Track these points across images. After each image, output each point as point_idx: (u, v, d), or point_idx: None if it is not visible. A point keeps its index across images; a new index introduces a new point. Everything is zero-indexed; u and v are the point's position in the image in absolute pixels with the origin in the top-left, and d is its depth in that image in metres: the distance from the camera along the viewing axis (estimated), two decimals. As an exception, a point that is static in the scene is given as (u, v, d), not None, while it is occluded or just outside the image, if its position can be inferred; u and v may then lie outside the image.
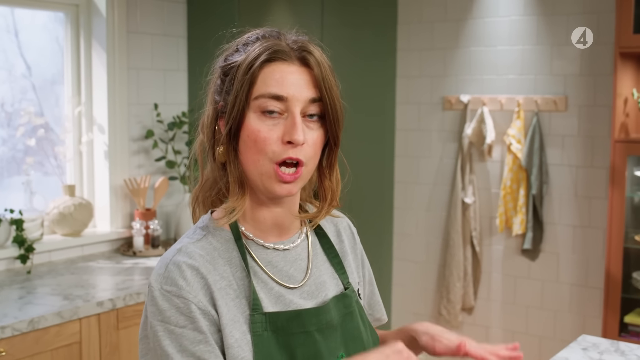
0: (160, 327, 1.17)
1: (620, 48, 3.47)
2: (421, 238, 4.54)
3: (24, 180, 3.23)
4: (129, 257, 3.29)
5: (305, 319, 1.24)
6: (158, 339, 1.17)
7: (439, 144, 4.42)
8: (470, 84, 4.26)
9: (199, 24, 3.63)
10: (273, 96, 1.20)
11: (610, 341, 2.16)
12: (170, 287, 1.18)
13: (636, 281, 3.60)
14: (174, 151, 3.53)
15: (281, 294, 1.26)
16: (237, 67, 1.23)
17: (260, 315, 1.21)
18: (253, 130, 1.21)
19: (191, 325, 1.17)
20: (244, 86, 1.20)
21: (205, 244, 1.24)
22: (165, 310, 1.17)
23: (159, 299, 1.18)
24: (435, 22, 4.37)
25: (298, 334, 1.22)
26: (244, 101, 1.20)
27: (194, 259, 1.21)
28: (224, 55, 1.29)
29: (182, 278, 1.19)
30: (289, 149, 1.20)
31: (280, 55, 1.22)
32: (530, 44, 4.04)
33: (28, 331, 2.36)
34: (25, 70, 3.29)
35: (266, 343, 1.20)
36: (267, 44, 1.23)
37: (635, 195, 3.68)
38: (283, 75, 1.21)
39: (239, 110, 1.21)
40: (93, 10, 3.36)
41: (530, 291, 4.17)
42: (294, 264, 1.31)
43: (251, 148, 1.21)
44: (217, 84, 1.28)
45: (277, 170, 1.21)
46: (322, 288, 1.32)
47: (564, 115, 3.97)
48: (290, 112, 1.21)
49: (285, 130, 1.20)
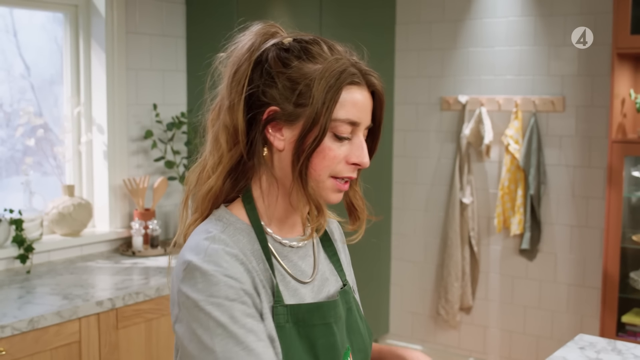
0: (208, 301, 1.16)
1: (617, 49, 3.48)
2: (419, 238, 4.55)
3: (23, 181, 3.24)
4: (128, 257, 3.29)
5: (325, 311, 1.28)
6: (208, 313, 1.15)
7: (437, 144, 4.43)
8: (468, 84, 4.27)
9: (198, 25, 3.64)
10: (350, 122, 1.24)
11: (607, 340, 2.17)
12: (216, 267, 1.18)
13: (633, 281, 3.61)
14: (172, 151, 3.54)
15: (296, 288, 1.30)
16: (312, 82, 1.22)
17: (282, 307, 1.24)
18: (324, 147, 1.24)
19: (240, 299, 1.17)
20: (328, 109, 1.22)
21: (230, 235, 1.25)
22: (213, 285, 1.16)
23: (206, 275, 1.17)
24: (433, 22, 4.38)
25: (319, 326, 1.27)
26: (327, 124, 1.22)
27: (230, 247, 1.22)
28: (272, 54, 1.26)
29: (225, 261, 1.19)
30: (353, 170, 1.27)
31: (356, 78, 1.25)
32: (528, 44, 4.05)
33: (28, 330, 2.36)
34: (24, 70, 3.29)
35: (288, 334, 1.23)
36: (340, 63, 1.24)
37: (633, 195, 3.70)
38: (359, 100, 1.25)
39: (322, 132, 1.22)
40: (92, 10, 3.37)
41: (528, 291, 4.18)
42: (304, 259, 1.35)
43: (317, 163, 1.24)
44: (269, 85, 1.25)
45: (335, 182, 1.27)
46: (327, 284, 1.37)
47: (561, 115, 3.98)
48: (356, 135, 1.26)
49: (351, 152, 1.26)
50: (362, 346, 1.37)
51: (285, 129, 1.25)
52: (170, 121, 3.57)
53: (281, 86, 1.24)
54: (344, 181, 1.27)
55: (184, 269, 1.20)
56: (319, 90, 1.21)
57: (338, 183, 1.26)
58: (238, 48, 1.30)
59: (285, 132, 1.25)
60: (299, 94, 1.22)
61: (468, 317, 4.38)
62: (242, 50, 1.29)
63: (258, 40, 1.29)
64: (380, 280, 4.61)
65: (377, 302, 4.58)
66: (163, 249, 3.37)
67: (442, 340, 4.50)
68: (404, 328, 4.65)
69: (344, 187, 1.27)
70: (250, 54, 1.27)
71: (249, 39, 1.30)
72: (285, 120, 1.24)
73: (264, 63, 1.26)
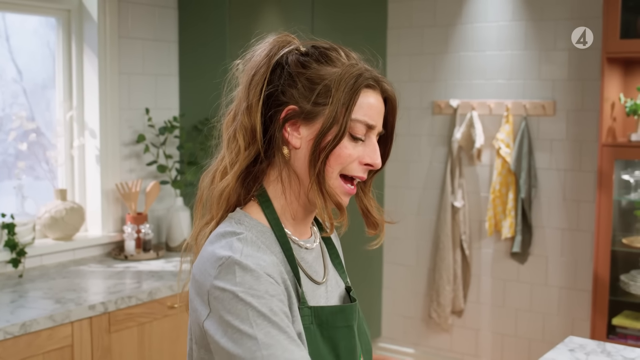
0: (248, 292, 1.15)
1: (607, 53, 3.51)
2: (411, 242, 4.57)
3: (16, 185, 3.24)
4: (120, 261, 3.30)
5: (347, 313, 1.31)
6: (249, 303, 1.14)
7: (428, 148, 4.45)
8: (460, 88, 4.30)
9: (190, 29, 3.65)
10: (366, 124, 1.28)
11: (596, 342, 2.19)
12: (255, 264, 1.18)
13: (624, 284, 3.64)
14: (165, 155, 3.54)
15: (314, 289, 1.33)
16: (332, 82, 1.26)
17: (307, 309, 1.26)
18: (340, 147, 1.27)
19: (278, 297, 1.18)
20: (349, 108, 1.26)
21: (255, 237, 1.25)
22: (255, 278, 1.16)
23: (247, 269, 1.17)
24: (424, 27, 4.40)
25: (341, 328, 1.29)
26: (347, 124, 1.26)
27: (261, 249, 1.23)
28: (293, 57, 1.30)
29: (263, 259, 1.20)
30: (365, 170, 1.31)
31: (374, 82, 1.30)
32: (519, 49, 4.08)
33: (20, 334, 2.36)
34: (17, 74, 3.30)
35: (313, 336, 1.25)
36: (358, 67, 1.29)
37: (623, 199, 3.72)
38: (374, 104, 1.30)
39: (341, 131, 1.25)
40: (84, 15, 3.38)
41: (519, 294, 4.20)
42: (317, 261, 1.38)
43: (331, 161, 1.27)
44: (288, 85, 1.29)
45: (343, 185, 1.30)
46: (334, 285, 1.40)
47: (552, 119, 4.01)
48: (369, 137, 1.30)
49: (365, 153, 1.29)
50: (368, 347, 1.40)
51: (302, 128, 1.28)
52: (162, 125, 3.58)
53: (301, 85, 1.28)
54: (352, 185, 1.30)
55: (219, 265, 1.18)
56: (339, 91, 1.26)
57: (346, 186, 1.29)
58: (255, 55, 1.34)
59: (302, 130, 1.28)
60: (318, 93, 1.27)
61: (460, 320, 4.40)
62: (260, 57, 1.33)
63: (275, 47, 1.33)
64: (373, 283, 4.63)
65: (369, 305, 4.60)
66: (155, 253, 3.37)
67: (434, 344, 4.51)
68: (396, 331, 4.66)
69: (351, 190, 1.30)
70: (268, 58, 1.31)
71: (266, 46, 1.34)
72: (303, 118, 1.28)
73: (284, 65, 1.30)
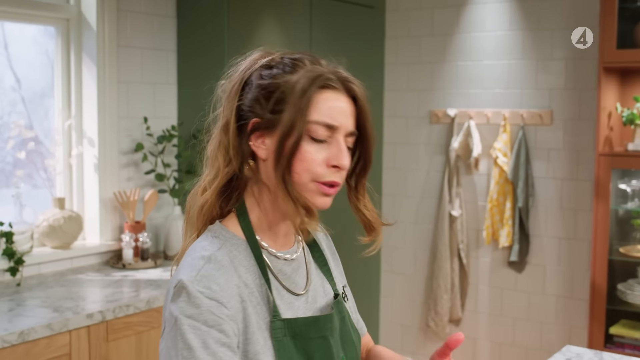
0: (186, 322, 1.18)
1: (604, 63, 3.52)
2: (409, 250, 4.57)
3: (14, 193, 3.24)
4: (118, 269, 3.30)
5: (322, 324, 1.31)
6: (182, 333, 1.18)
7: (426, 157, 4.46)
8: (457, 97, 4.31)
9: (189, 38, 3.66)
10: (326, 125, 1.27)
11: (593, 351, 2.19)
12: (203, 289, 1.20)
13: (621, 293, 3.64)
14: (163, 164, 3.55)
15: (291, 301, 1.32)
16: (287, 89, 1.26)
17: (279, 322, 1.26)
18: (302, 151, 1.26)
19: (218, 327, 1.19)
20: (302, 112, 1.25)
21: (227, 252, 1.28)
22: (195, 307, 1.19)
23: (191, 296, 1.19)
24: (422, 36, 4.42)
25: (316, 339, 1.29)
26: (303, 127, 1.25)
27: (224, 268, 1.24)
28: (257, 71, 1.31)
29: (217, 284, 1.21)
30: (333, 173, 1.28)
31: (333, 83, 1.28)
32: (516, 58, 4.09)
33: (18, 343, 2.36)
34: (15, 83, 3.30)
35: (287, 348, 1.25)
36: (317, 70, 1.28)
37: (620, 208, 3.73)
38: (334, 104, 1.28)
39: (298, 135, 1.25)
40: (83, 24, 3.39)
41: (516, 303, 4.20)
42: (297, 272, 1.37)
43: (296, 167, 1.26)
44: (251, 98, 1.30)
45: (319, 186, 1.28)
46: (319, 294, 1.39)
47: (549, 128, 4.02)
48: (335, 139, 1.28)
49: (330, 155, 1.27)
50: (355, 355, 1.39)
51: (267, 138, 1.28)
52: (160, 134, 3.59)
53: (261, 97, 1.28)
54: (329, 185, 1.29)
55: (174, 286, 1.23)
56: (293, 95, 1.25)
57: (323, 187, 1.28)
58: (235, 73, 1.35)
59: (267, 141, 1.29)
60: (276, 101, 1.27)
61: (457, 329, 4.40)
62: (236, 74, 1.34)
63: (251, 63, 1.34)
64: (370, 292, 4.63)
65: (367, 314, 4.60)
66: (153, 261, 3.37)
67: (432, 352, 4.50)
68: (394, 340, 4.66)
69: (329, 190, 1.29)
70: (242, 75, 1.32)
71: (244, 64, 1.35)
72: (265, 128, 1.28)
73: (250, 80, 1.31)
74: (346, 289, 1.52)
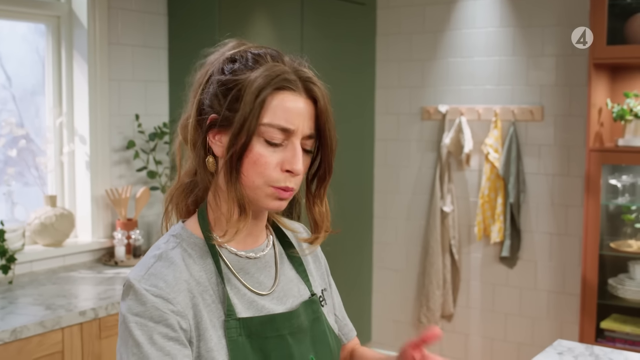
0: (133, 319, 1.18)
1: (594, 59, 3.54)
2: (401, 247, 4.58)
3: (5, 191, 3.23)
4: (110, 266, 3.29)
5: (278, 323, 1.28)
6: (130, 330, 1.18)
7: (417, 154, 4.47)
8: (448, 94, 4.32)
9: (180, 36, 3.66)
10: (281, 128, 1.23)
11: (585, 345, 2.21)
12: (150, 287, 1.20)
13: (612, 287, 3.66)
14: (155, 161, 3.55)
15: (253, 300, 1.29)
16: (244, 87, 1.22)
17: (234, 321, 1.24)
18: (255, 153, 1.23)
19: (165, 322, 1.19)
20: (254, 112, 1.21)
21: (181, 251, 1.27)
22: (141, 304, 1.19)
23: (137, 294, 1.20)
24: (413, 33, 4.42)
25: (272, 338, 1.27)
26: (254, 128, 1.22)
27: (174, 265, 1.24)
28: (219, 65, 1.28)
29: (164, 281, 1.21)
30: (287, 177, 1.24)
31: (290, 84, 1.23)
32: (507, 55, 4.11)
33: (10, 341, 2.36)
34: (5, 81, 3.29)
35: (241, 347, 1.23)
36: (276, 69, 1.23)
37: (610, 203, 3.75)
38: (291, 106, 1.23)
39: (248, 136, 1.21)
40: (74, 21, 3.38)
41: (508, 298, 4.22)
42: (263, 271, 1.34)
43: (249, 169, 1.23)
44: (211, 93, 1.26)
45: (274, 190, 1.25)
46: (290, 294, 1.36)
47: (540, 124, 4.04)
48: (291, 142, 1.24)
49: (285, 159, 1.24)
50: (328, 356, 1.36)
51: (222, 135, 1.25)
52: (152, 131, 3.59)
53: (219, 93, 1.25)
54: (286, 191, 1.26)
55: (123, 285, 1.24)
56: (248, 95, 1.21)
57: (278, 191, 1.25)
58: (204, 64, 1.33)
59: (222, 138, 1.25)
60: (232, 99, 1.23)
61: (449, 325, 4.42)
62: (204, 66, 1.31)
63: (218, 56, 1.31)
64: (362, 288, 4.64)
65: (359, 310, 4.61)
66: (146, 258, 3.37)
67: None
68: (386, 336, 4.67)
69: (284, 194, 1.25)
70: (208, 67, 1.30)
71: (214, 55, 1.32)
72: (220, 125, 1.24)
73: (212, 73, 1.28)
74: (326, 293, 1.47)
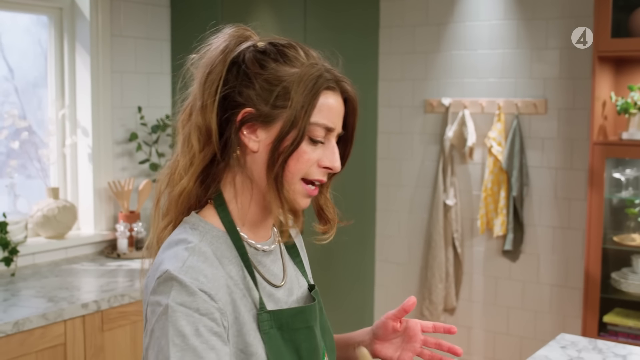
0: (178, 309, 1.13)
1: (598, 52, 3.52)
2: (403, 240, 4.58)
3: (8, 183, 3.23)
4: (113, 259, 3.29)
5: (307, 314, 1.30)
6: (175, 320, 1.12)
7: (420, 147, 4.46)
8: (452, 87, 4.31)
9: (182, 28, 3.65)
10: (325, 127, 1.25)
11: (588, 339, 2.20)
12: (193, 280, 1.15)
13: (615, 281, 3.65)
14: (157, 154, 3.54)
15: (272, 293, 1.30)
16: (292, 85, 1.22)
17: (266, 314, 1.24)
18: (299, 151, 1.23)
19: (210, 315, 1.15)
20: (308, 111, 1.22)
21: (208, 244, 1.23)
22: (189, 295, 1.14)
23: (183, 285, 1.14)
24: (416, 26, 4.41)
25: (302, 330, 1.28)
26: (306, 127, 1.22)
27: (209, 260, 1.20)
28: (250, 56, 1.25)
29: (203, 275, 1.17)
30: (324, 173, 1.28)
31: (332, 84, 1.26)
32: (511, 47, 4.09)
33: (13, 333, 2.36)
34: (8, 73, 3.29)
35: (274, 340, 1.24)
36: (318, 67, 1.25)
37: (614, 197, 3.74)
38: (334, 105, 1.26)
39: (300, 134, 1.22)
40: (77, 13, 3.37)
41: (511, 292, 4.21)
42: (275, 263, 1.35)
43: (290, 165, 1.24)
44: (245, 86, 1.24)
45: (305, 187, 1.27)
46: (295, 285, 1.38)
47: (543, 118, 4.02)
48: (329, 140, 1.27)
49: (324, 156, 1.26)
50: (332, 345, 1.40)
51: (260, 131, 1.24)
52: (155, 124, 3.58)
53: (258, 87, 1.23)
54: (314, 186, 1.27)
55: (158, 277, 1.17)
56: (297, 94, 1.21)
57: (308, 188, 1.26)
58: (211, 49, 1.29)
59: (260, 133, 1.24)
60: (277, 96, 1.22)
61: (452, 318, 4.41)
62: (216, 52, 1.28)
63: (232, 42, 1.29)
64: (365, 281, 4.64)
65: (362, 303, 4.61)
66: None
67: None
68: (389, 329, 4.67)
69: (313, 192, 1.28)
70: (224, 55, 1.27)
71: (222, 40, 1.29)
72: (261, 121, 1.23)
73: (240, 64, 1.25)
74: None
